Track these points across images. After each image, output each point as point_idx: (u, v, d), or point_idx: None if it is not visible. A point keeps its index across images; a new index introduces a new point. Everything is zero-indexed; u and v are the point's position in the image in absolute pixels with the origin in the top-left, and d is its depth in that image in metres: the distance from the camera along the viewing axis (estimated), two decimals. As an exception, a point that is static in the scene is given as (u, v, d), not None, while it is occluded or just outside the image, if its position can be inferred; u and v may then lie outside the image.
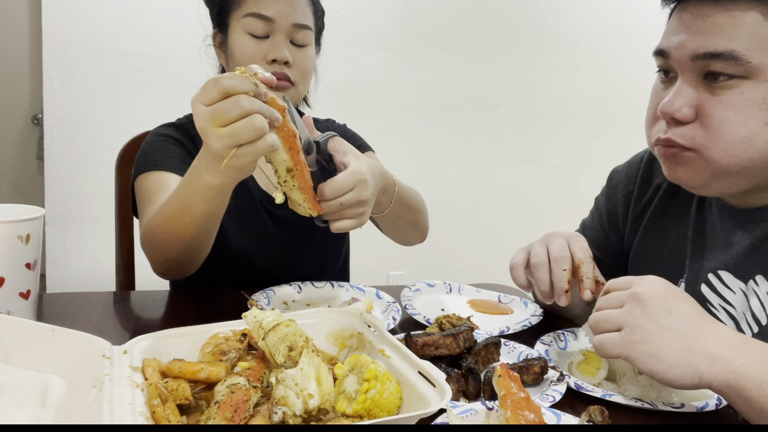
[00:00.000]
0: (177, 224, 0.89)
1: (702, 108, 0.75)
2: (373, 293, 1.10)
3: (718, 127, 0.74)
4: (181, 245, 0.93)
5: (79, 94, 2.39)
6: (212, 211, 0.87)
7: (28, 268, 0.83)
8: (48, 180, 2.41)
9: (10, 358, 0.66)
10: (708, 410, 0.74)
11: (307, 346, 0.62)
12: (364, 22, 2.73)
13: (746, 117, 0.72)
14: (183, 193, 0.86)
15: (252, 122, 0.70)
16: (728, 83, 0.72)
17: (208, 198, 0.83)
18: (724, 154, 0.74)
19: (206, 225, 0.90)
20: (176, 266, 1.01)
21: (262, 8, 1.13)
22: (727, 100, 0.73)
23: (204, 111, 0.71)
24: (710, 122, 0.74)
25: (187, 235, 0.91)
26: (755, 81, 0.72)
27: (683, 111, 0.75)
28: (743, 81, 0.72)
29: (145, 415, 0.56)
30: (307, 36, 1.17)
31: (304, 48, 1.17)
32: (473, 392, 0.73)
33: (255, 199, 1.24)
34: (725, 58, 0.71)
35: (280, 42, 1.13)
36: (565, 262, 0.88)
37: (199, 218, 0.87)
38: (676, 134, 0.77)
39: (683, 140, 0.77)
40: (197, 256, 0.99)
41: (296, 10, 1.15)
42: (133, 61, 2.43)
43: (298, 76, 1.16)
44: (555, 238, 0.92)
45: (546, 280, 0.89)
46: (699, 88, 0.75)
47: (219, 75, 0.72)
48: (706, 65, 0.73)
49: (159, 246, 0.96)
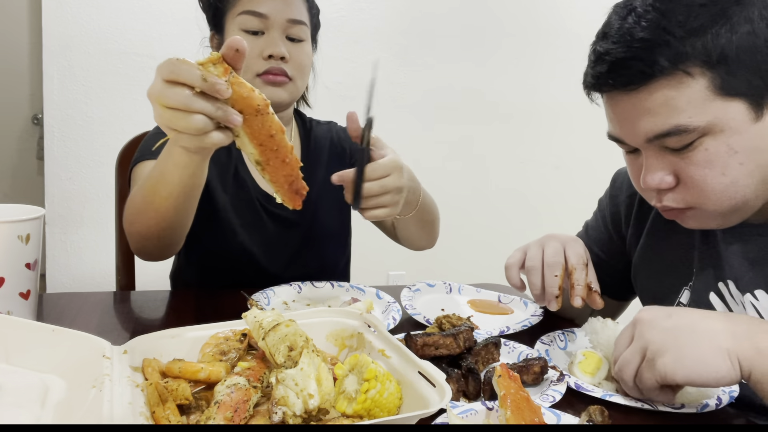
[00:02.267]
0: (154, 196, 0.87)
1: (678, 171, 0.77)
2: (373, 293, 1.10)
3: (701, 185, 0.76)
4: (156, 218, 0.91)
5: (79, 94, 2.39)
6: (186, 182, 0.84)
7: (28, 268, 0.83)
8: (48, 180, 2.41)
9: (10, 358, 0.66)
10: (708, 410, 0.74)
11: (307, 346, 0.62)
12: (364, 22, 2.73)
13: (721, 167, 0.74)
14: (159, 165, 0.84)
15: (191, 120, 0.67)
16: (690, 147, 0.74)
17: (181, 165, 0.80)
18: (719, 204, 0.77)
19: (182, 199, 0.87)
20: (153, 243, 0.98)
21: (256, 5, 1.13)
22: (697, 159, 0.75)
23: (156, 85, 0.68)
24: (693, 182, 0.76)
25: (162, 208, 0.88)
26: (713, 135, 0.73)
27: (665, 181, 0.78)
28: (702, 139, 0.74)
29: (145, 415, 0.56)
30: (303, 31, 1.17)
31: (300, 43, 1.17)
32: (473, 392, 0.73)
33: (254, 198, 1.24)
34: (675, 133, 0.73)
35: (276, 38, 1.14)
36: (557, 267, 0.90)
37: (174, 190, 0.85)
38: (669, 200, 0.80)
39: (677, 203, 0.80)
40: (173, 234, 0.96)
41: (290, 6, 1.15)
42: (133, 61, 2.43)
43: (295, 71, 1.16)
44: (551, 242, 0.93)
45: (538, 284, 0.91)
46: (666, 157, 0.77)
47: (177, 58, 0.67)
48: (662, 142, 0.76)
49: (136, 219, 0.95)
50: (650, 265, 1.00)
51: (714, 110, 0.72)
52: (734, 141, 0.73)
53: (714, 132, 0.73)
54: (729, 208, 0.77)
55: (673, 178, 0.78)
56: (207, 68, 0.67)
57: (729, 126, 0.73)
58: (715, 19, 0.71)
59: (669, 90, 0.72)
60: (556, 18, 2.99)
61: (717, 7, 0.71)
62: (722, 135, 0.73)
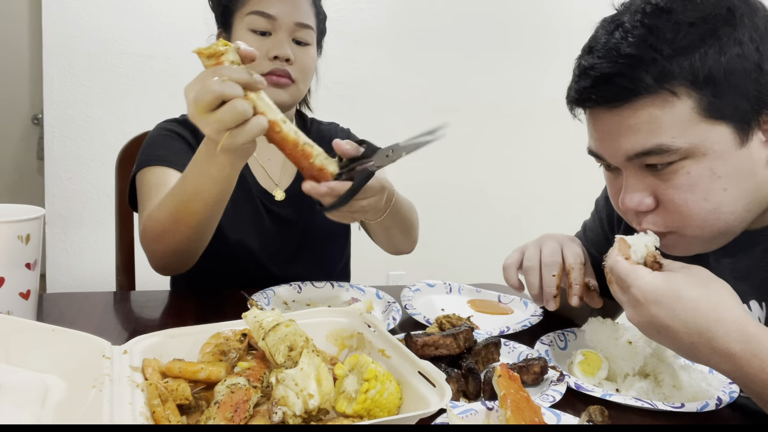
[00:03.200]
0: (186, 211, 0.90)
1: (658, 194, 0.74)
2: (373, 293, 1.10)
3: (683, 209, 0.73)
4: (187, 233, 0.93)
5: (79, 94, 2.39)
6: (223, 194, 0.88)
7: (28, 268, 0.83)
8: (48, 180, 2.41)
9: (10, 358, 0.66)
10: (708, 410, 0.74)
11: (307, 346, 0.62)
12: (364, 22, 2.73)
13: (704, 192, 0.71)
14: (192, 180, 0.86)
15: (235, 107, 0.71)
16: (671, 168, 0.72)
17: (219, 180, 0.85)
18: (701, 230, 0.74)
19: (216, 208, 0.91)
20: (177, 258, 1.00)
21: (265, 6, 1.13)
22: (679, 183, 0.72)
23: (189, 99, 0.74)
24: (674, 206, 0.74)
25: (194, 222, 0.91)
26: (695, 158, 0.71)
27: (644, 203, 0.75)
28: (684, 162, 0.71)
29: (145, 415, 0.56)
30: (309, 35, 1.18)
31: (306, 47, 1.18)
32: (473, 392, 0.73)
33: (255, 196, 1.24)
34: (656, 153, 0.71)
35: (282, 39, 1.14)
36: (555, 267, 0.90)
37: (210, 202, 0.88)
38: (649, 222, 0.77)
39: (657, 227, 0.76)
40: (200, 245, 0.99)
41: (299, 10, 1.16)
42: (133, 61, 2.43)
43: (298, 74, 1.17)
44: (549, 242, 0.93)
45: (536, 284, 0.90)
46: (647, 177, 0.75)
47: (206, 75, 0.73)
48: (643, 161, 0.73)
49: (162, 238, 0.96)
50: None
51: (698, 133, 0.70)
52: (718, 166, 0.70)
53: (697, 155, 0.70)
54: (711, 234, 0.75)
55: (652, 200, 0.75)
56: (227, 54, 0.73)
57: (713, 150, 0.70)
58: (704, 38, 0.69)
59: (653, 109, 0.70)
60: (555, 18, 2.99)
61: (706, 27, 0.69)
62: (705, 159, 0.70)
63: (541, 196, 3.08)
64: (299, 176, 1.30)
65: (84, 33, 2.37)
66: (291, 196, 1.27)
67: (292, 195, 1.27)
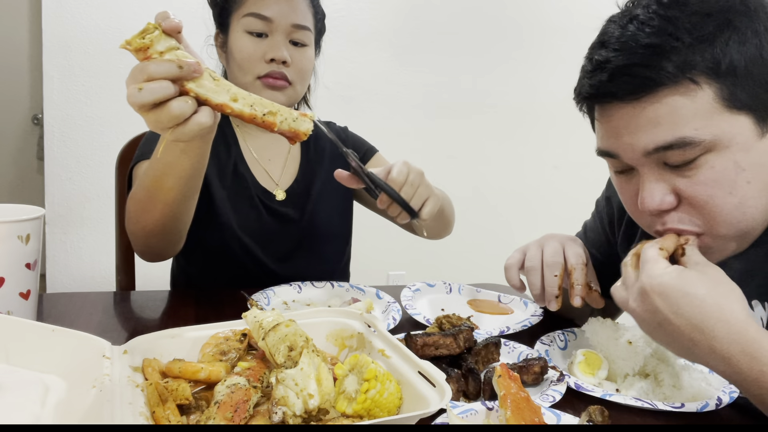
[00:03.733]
0: (160, 188, 0.88)
1: (681, 191, 0.72)
2: (373, 293, 1.10)
3: (708, 206, 0.71)
4: (163, 210, 0.91)
5: (79, 94, 2.39)
6: (194, 167, 0.85)
7: (28, 268, 0.83)
8: (48, 180, 2.41)
9: (10, 358, 0.66)
10: (708, 410, 0.74)
11: (307, 346, 0.62)
12: (364, 22, 2.73)
13: (729, 186, 0.70)
14: (163, 155, 0.83)
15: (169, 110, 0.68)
16: (694, 164, 0.70)
17: (189, 153, 0.81)
18: (729, 227, 0.72)
19: (191, 183, 0.88)
20: (157, 240, 0.99)
21: (261, 8, 1.13)
22: (703, 179, 0.70)
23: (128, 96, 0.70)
24: (699, 203, 0.71)
25: (170, 198, 0.89)
26: (717, 151, 0.69)
27: (666, 201, 0.72)
28: (707, 156, 0.69)
29: (145, 415, 0.56)
30: (306, 36, 1.18)
31: (303, 48, 1.18)
32: (473, 392, 0.73)
33: (254, 194, 1.24)
34: (678, 146, 0.69)
35: (279, 42, 1.14)
36: (557, 267, 0.89)
37: (183, 176, 0.85)
38: (674, 221, 0.74)
39: (683, 225, 0.73)
40: (177, 226, 0.97)
41: (295, 11, 1.15)
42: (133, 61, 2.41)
43: (295, 76, 1.17)
44: (550, 242, 0.92)
45: (538, 284, 0.90)
46: (666, 174, 0.72)
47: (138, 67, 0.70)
48: (662, 157, 0.71)
49: (140, 217, 0.95)
50: None
51: (721, 123, 0.68)
52: (741, 157, 0.69)
53: (719, 148, 0.68)
54: (739, 231, 0.72)
55: (674, 197, 0.72)
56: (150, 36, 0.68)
57: (735, 141, 0.68)
58: (721, 28, 0.68)
59: (675, 99, 0.68)
60: (556, 18, 2.99)
61: (724, 17, 0.68)
62: (728, 151, 0.68)
63: (541, 196, 3.08)
64: (300, 176, 1.30)
65: (84, 33, 2.36)
66: (292, 196, 1.27)
67: (292, 195, 1.27)
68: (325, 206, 1.31)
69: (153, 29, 0.68)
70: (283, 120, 0.72)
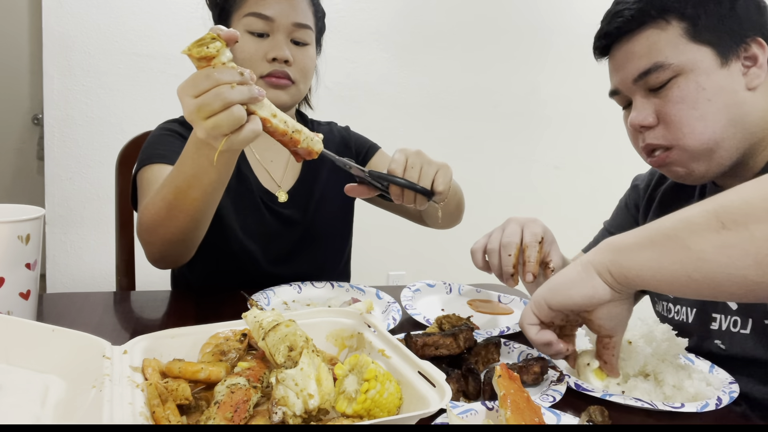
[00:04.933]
0: (184, 199, 0.89)
1: (659, 112, 0.90)
2: (373, 293, 1.10)
3: (676, 118, 0.88)
4: (184, 221, 0.92)
5: (79, 94, 2.39)
6: (221, 179, 0.88)
7: (28, 268, 0.83)
8: (48, 180, 2.41)
9: (10, 358, 0.66)
10: (708, 410, 0.74)
11: (307, 346, 0.62)
12: (364, 22, 2.73)
13: (692, 102, 0.87)
14: (190, 166, 0.85)
15: (232, 114, 0.72)
16: (667, 86, 0.88)
17: (218, 165, 0.84)
18: (694, 139, 0.88)
19: (215, 195, 0.91)
20: (173, 249, 0.99)
21: (262, 8, 1.13)
22: (673, 96, 0.88)
23: (191, 103, 0.73)
24: (670, 118, 0.89)
25: (192, 209, 0.90)
26: (685, 75, 0.87)
27: (648, 119, 0.91)
28: (677, 79, 0.87)
29: (145, 415, 0.56)
30: (308, 35, 1.18)
31: (305, 47, 1.18)
32: (473, 392, 0.73)
33: (257, 196, 1.24)
34: (655, 69, 0.88)
35: (280, 41, 1.14)
36: (511, 247, 0.96)
37: (208, 188, 0.87)
38: (650, 137, 0.92)
39: (657, 140, 0.91)
40: (196, 236, 0.98)
41: (296, 10, 1.15)
42: (133, 61, 2.43)
43: (298, 75, 1.17)
44: (510, 224, 1.00)
45: (497, 264, 0.97)
46: (651, 99, 0.91)
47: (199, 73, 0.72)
48: (645, 83, 0.90)
49: (159, 227, 0.94)
50: None
51: (686, 52, 0.87)
52: (703, 80, 0.86)
53: (685, 72, 0.87)
54: (703, 145, 0.87)
55: (655, 118, 0.90)
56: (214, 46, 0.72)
57: (698, 67, 0.86)
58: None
59: (652, 33, 0.89)
60: (556, 18, 2.99)
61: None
62: (692, 74, 0.86)
63: (542, 196, 3.08)
64: (302, 178, 1.30)
65: (84, 33, 2.37)
66: (294, 197, 1.27)
67: (294, 196, 1.27)
68: (326, 207, 1.31)
69: (211, 39, 0.72)
70: (305, 138, 0.81)
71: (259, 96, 0.74)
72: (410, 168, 0.95)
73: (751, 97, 0.88)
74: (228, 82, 0.71)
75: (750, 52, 0.88)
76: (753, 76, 0.88)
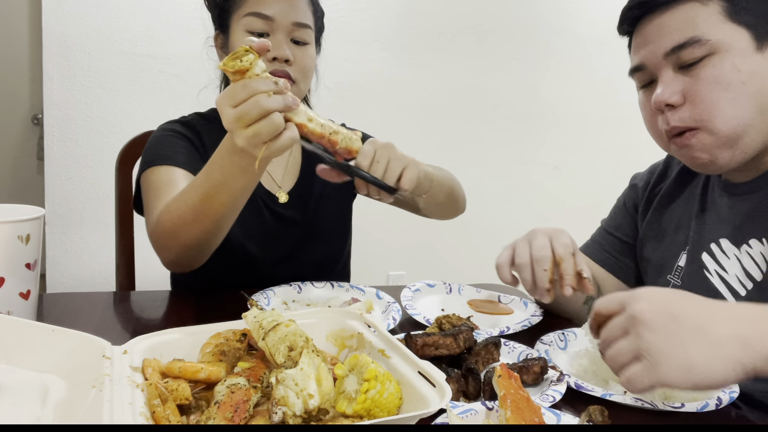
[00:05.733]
0: (212, 203, 0.90)
1: (687, 91, 0.85)
2: (373, 293, 1.10)
3: (706, 99, 0.84)
4: (208, 226, 0.93)
5: (79, 94, 2.39)
6: (249, 184, 0.89)
7: (28, 268, 0.83)
8: (48, 180, 2.41)
9: (10, 358, 0.66)
10: (708, 410, 0.74)
11: (307, 346, 0.62)
12: (364, 22, 2.73)
13: (725, 83, 0.83)
14: (220, 171, 0.87)
15: (272, 121, 0.75)
16: (700, 64, 0.84)
17: (249, 170, 0.85)
18: (723, 122, 0.84)
19: (242, 199, 0.92)
20: (191, 253, 1.00)
21: (262, 7, 1.13)
22: (705, 75, 0.84)
23: (231, 113, 0.76)
24: (699, 98, 0.84)
25: (218, 214, 0.91)
26: (720, 54, 0.83)
27: (674, 97, 0.86)
28: (711, 57, 0.84)
29: (145, 415, 0.56)
30: (307, 34, 1.18)
31: (305, 46, 1.18)
32: (473, 392, 0.73)
33: (257, 197, 1.24)
34: (690, 44, 0.84)
35: (281, 40, 1.14)
36: (545, 262, 0.92)
37: (236, 193, 0.89)
38: (675, 119, 0.87)
39: (683, 122, 0.86)
40: (216, 240, 0.99)
41: (296, 9, 1.15)
42: (133, 61, 2.43)
43: (298, 74, 1.17)
44: (538, 236, 0.96)
45: (530, 280, 0.94)
46: (678, 77, 0.86)
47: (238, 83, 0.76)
48: (677, 58, 0.86)
49: (180, 231, 0.95)
50: (654, 236, 1.07)
51: (724, 31, 0.83)
52: (738, 61, 0.83)
53: (721, 51, 0.83)
54: (731, 129, 0.83)
55: (681, 96, 0.85)
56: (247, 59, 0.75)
57: (735, 47, 0.83)
58: None
59: (690, 7, 0.85)
60: (556, 18, 2.99)
61: None
62: (728, 54, 0.83)
63: (542, 196, 3.08)
64: (302, 178, 1.30)
65: (84, 33, 2.36)
66: (294, 198, 1.27)
67: (295, 197, 1.27)
68: (326, 207, 1.31)
69: (245, 52, 0.76)
70: (343, 138, 0.83)
71: (294, 105, 0.77)
72: (376, 162, 0.94)
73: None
74: (265, 91, 0.74)
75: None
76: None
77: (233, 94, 0.75)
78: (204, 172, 0.90)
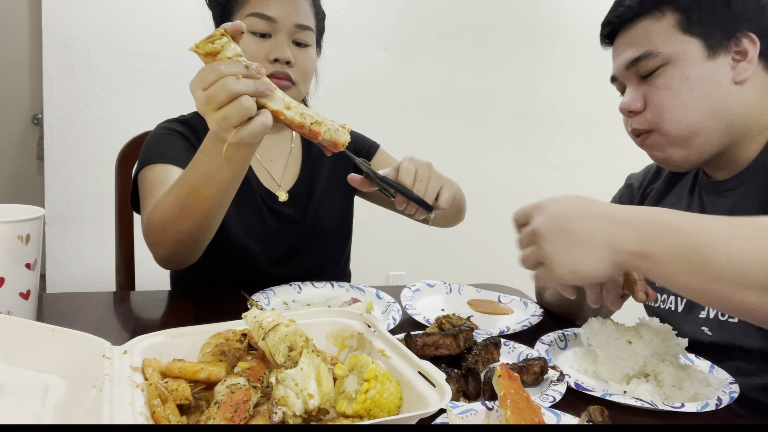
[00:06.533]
0: (198, 197, 0.89)
1: (647, 98, 0.95)
2: (373, 293, 1.10)
3: (659, 104, 0.93)
4: (197, 220, 0.92)
5: (79, 94, 2.39)
6: (236, 176, 0.88)
7: (28, 268, 0.83)
8: (48, 180, 2.41)
9: (10, 358, 0.66)
10: (708, 410, 0.74)
11: (307, 346, 0.62)
12: (364, 22, 2.73)
13: (675, 90, 0.91)
14: (206, 163, 0.86)
15: (241, 104, 0.73)
16: (655, 74, 0.93)
17: (234, 160, 0.84)
18: (673, 125, 0.93)
19: (229, 193, 0.91)
20: (182, 249, 0.99)
21: (264, 8, 1.13)
22: (659, 84, 0.93)
23: (201, 95, 0.75)
24: (654, 104, 0.94)
25: (205, 208, 0.91)
26: (672, 64, 0.92)
27: (634, 104, 0.96)
28: (664, 68, 0.92)
29: (145, 415, 0.56)
30: (309, 36, 1.18)
31: (306, 48, 1.18)
32: (473, 392, 0.73)
33: (257, 196, 1.24)
34: (645, 57, 0.93)
35: (282, 42, 1.14)
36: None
37: (223, 185, 0.88)
38: (635, 123, 0.97)
39: (641, 125, 0.96)
40: (206, 236, 0.99)
41: (298, 11, 1.15)
42: (133, 61, 2.43)
43: (299, 76, 1.17)
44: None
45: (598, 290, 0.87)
46: (640, 86, 0.96)
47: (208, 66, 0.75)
48: (636, 70, 0.95)
49: (169, 226, 0.94)
50: None
51: (676, 43, 0.91)
52: (687, 70, 0.91)
53: (673, 61, 0.92)
54: (680, 131, 0.93)
55: (642, 103, 0.96)
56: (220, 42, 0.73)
57: (685, 57, 0.91)
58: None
59: (647, 23, 0.94)
60: (556, 18, 2.99)
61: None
62: (679, 64, 0.91)
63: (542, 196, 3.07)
64: (302, 177, 1.30)
65: (84, 33, 2.37)
66: (294, 197, 1.27)
67: (295, 195, 1.27)
68: (326, 206, 1.31)
69: (220, 36, 0.74)
70: (327, 130, 0.79)
71: (267, 90, 0.75)
72: (419, 181, 0.96)
73: (737, 90, 0.91)
74: (233, 73, 0.73)
75: (741, 46, 0.91)
76: (741, 70, 0.91)
77: (203, 77, 0.74)
78: (191, 165, 0.89)
